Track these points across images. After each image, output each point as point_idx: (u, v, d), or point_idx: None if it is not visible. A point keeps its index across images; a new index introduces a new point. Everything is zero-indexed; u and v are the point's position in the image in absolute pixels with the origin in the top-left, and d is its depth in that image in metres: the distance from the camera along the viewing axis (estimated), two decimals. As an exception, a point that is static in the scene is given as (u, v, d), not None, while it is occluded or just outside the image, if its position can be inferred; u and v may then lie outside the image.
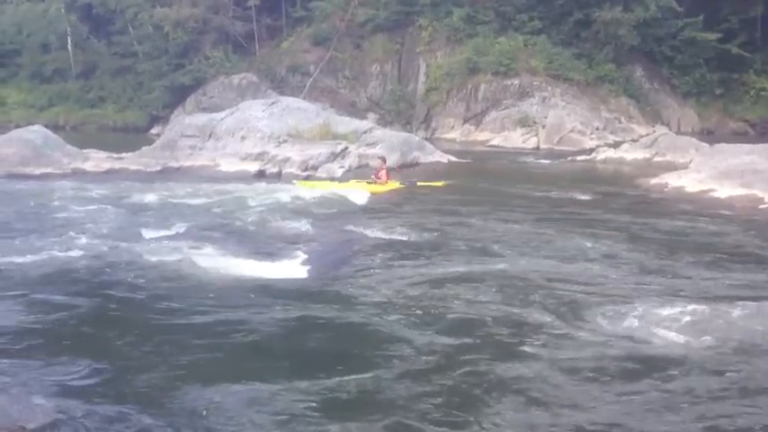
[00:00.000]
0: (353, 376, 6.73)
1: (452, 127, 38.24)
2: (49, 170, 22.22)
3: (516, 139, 34.52)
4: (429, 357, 7.25)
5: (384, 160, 20.59)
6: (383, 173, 19.89)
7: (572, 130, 33.73)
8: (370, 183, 19.69)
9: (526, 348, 7.50)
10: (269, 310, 8.65)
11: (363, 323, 8.22)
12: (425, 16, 41.25)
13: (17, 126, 31.58)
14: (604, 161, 26.27)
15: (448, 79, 39.16)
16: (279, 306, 8.81)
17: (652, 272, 10.50)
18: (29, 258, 11.05)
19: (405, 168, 23.15)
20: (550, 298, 9.05)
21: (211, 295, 9.30)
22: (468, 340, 7.72)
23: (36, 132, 24.22)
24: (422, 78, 40.97)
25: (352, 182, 20.29)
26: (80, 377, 6.80)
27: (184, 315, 8.61)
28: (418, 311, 8.55)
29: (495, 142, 34.68)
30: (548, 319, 8.33)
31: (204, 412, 6.06)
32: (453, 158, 26.00)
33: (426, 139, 31.09)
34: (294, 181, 20.60)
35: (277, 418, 5.99)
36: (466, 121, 37.99)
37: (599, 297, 9.10)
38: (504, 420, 5.98)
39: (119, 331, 8.01)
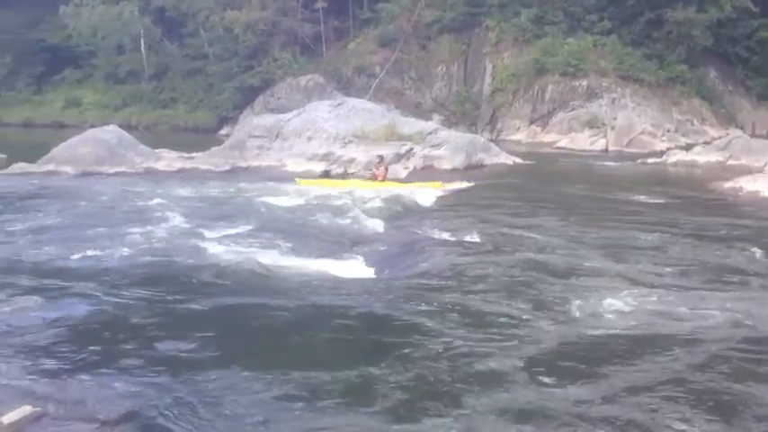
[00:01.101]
0: (414, 374, 6.73)
1: (518, 128, 37.89)
2: (122, 169, 22.87)
3: (584, 140, 33.98)
4: (492, 362, 7.19)
5: (381, 158, 20.88)
6: (382, 170, 20.21)
7: (642, 132, 33.04)
8: (368, 180, 20.25)
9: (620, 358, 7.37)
10: (335, 309, 8.70)
11: (428, 325, 8.16)
12: (493, 17, 40.97)
13: (92, 126, 32.58)
14: (676, 164, 25.66)
15: (514, 80, 38.82)
16: (344, 305, 8.86)
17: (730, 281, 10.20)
18: (101, 254, 11.42)
19: (470, 170, 23.02)
20: (625, 299, 8.89)
21: (277, 293, 9.42)
22: (530, 346, 7.62)
23: (111, 132, 24.97)
24: (488, 79, 40.71)
25: (353, 180, 20.84)
26: (155, 369, 6.98)
27: (251, 311, 8.75)
28: (485, 318, 8.46)
29: (561, 144, 34.22)
30: (632, 322, 8.19)
31: (279, 403, 6.14)
32: (519, 160, 25.75)
33: (491, 140, 30.90)
34: (295, 179, 20.98)
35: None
36: (532, 122, 37.59)
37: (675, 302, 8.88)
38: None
39: (190, 325, 8.19)
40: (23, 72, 53.72)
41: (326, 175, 22.31)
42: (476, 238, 12.73)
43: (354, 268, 10.92)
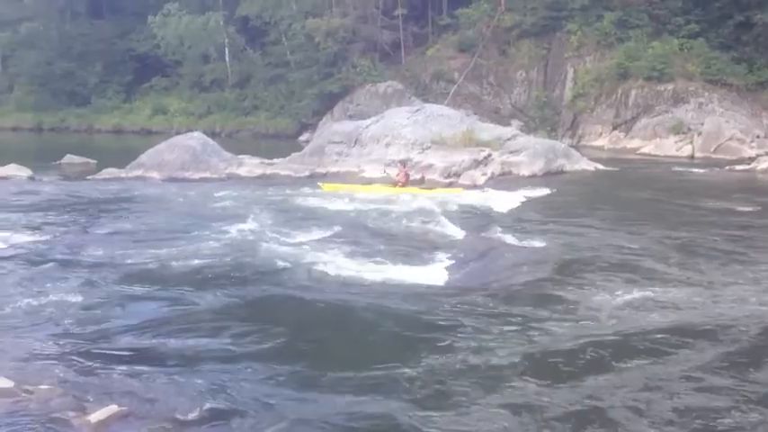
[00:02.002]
0: (495, 385, 6.67)
1: (600, 134, 37.17)
2: (206, 174, 23.52)
3: (669, 146, 33.05)
4: (577, 372, 7.06)
5: (404, 164, 20.97)
6: (402, 175, 20.38)
7: (730, 138, 31.88)
8: (391, 185, 20.37)
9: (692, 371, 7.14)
10: (408, 315, 8.69)
11: (503, 335, 8.06)
12: (574, 21, 40.32)
13: (178, 132, 33.63)
14: (766, 171, 24.67)
15: (597, 85, 38.11)
16: (418, 312, 8.84)
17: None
18: (184, 256, 11.75)
19: (550, 176, 22.69)
20: (702, 316, 8.59)
21: (352, 297, 9.49)
22: (606, 356, 7.45)
23: (195, 139, 25.71)
24: (569, 84, 40.10)
25: (376, 185, 21.00)
26: (235, 368, 7.11)
27: (325, 314, 8.83)
28: (563, 328, 8.30)
29: (645, 150, 33.36)
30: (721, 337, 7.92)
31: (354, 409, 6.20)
32: (601, 166, 25.24)
33: (572, 146, 30.39)
34: (318, 183, 21.28)
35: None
36: (615, 127, 36.81)
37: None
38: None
39: (268, 325, 8.31)
40: (114, 80, 55.86)
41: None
42: (555, 246, 12.51)
43: (431, 274, 10.90)
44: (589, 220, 15.35)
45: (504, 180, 21.66)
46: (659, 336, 7.92)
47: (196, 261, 11.49)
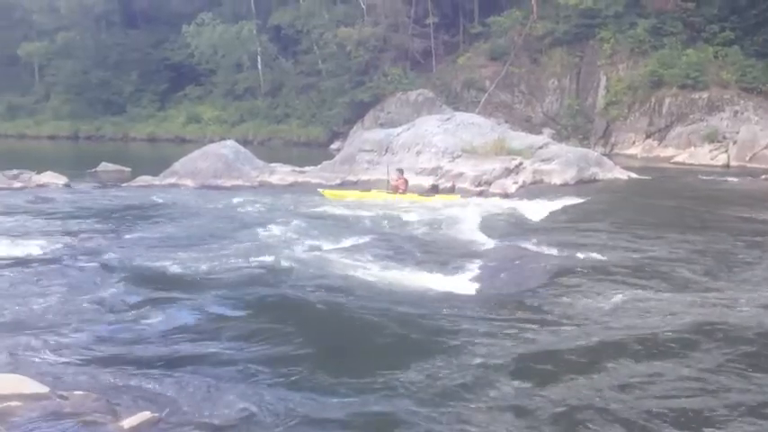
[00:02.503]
0: (531, 396, 6.63)
1: (633, 142, 36.83)
2: (238, 182, 23.76)
3: (703, 155, 32.61)
4: (605, 383, 6.99)
5: (402, 172, 21.12)
6: (401, 183, 20.67)
7: (766, 147, 31.33)
8: (390, 192, 20.63)
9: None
10: (438, 325, 8.68)
11: (536, 346, 8.00)
12: (608, 28, 40.06)
13: (211, 141, 34.03)
14: (802, 180, 24.26)
15: (630, 93, 37.81)
16: (448, 321, 8.82)
17: None
18: (216, 263, 11.85)
19: (582, 184, 22.51)
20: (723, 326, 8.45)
21: (382, 304, 9.48)
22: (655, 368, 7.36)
23: (228, 147, 25.98)
24: (601, 92, 39.82)
25: (374, 191, 21.13)
26: (268, 375, 7.14)
27: (355, 322, 8.83)
28: (594, 336, 8.23)
29: (679, 159, 32.96)
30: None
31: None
32: (634, 175, 24.98)
33: (605, 154, 30.14)
34: (318, 189, 21.56)
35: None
36: (648, 136, 36.45)
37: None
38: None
39: (300, 333, 8.33)
40: (148, 89, 56.73)
41: (435, 189, 22.31)
42: (587, 255, 12.40)
43: (460, 283, 10.86)
44: (622, 228, 15.18)
45: (536, 189, 21.54)
46: (695, 344, 7.82)
47: (228, 268, 11.58)
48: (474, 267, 11.87)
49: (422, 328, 8.55)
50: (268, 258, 12.28)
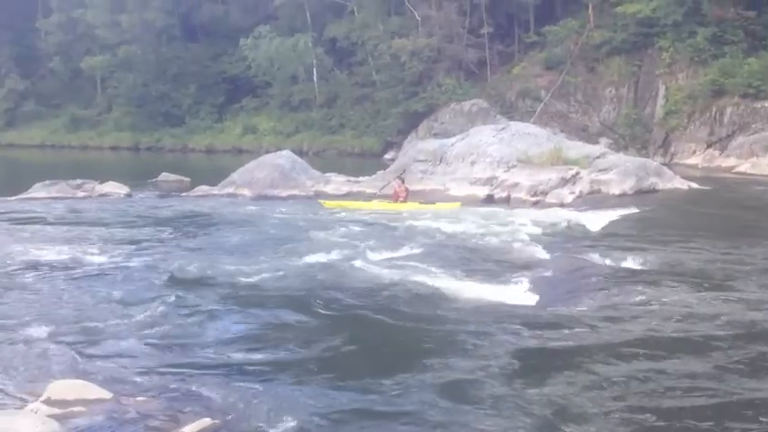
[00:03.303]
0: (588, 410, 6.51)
1: (693, 152, 36.03)
2: (294, 192, 24.03)
3: (766, 165, 31.65)
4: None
5: (402, 180, 21.11)
6: (402, 191, 20.83)
7: (832, 157, 30.40)
8: (390, 202, 20.84)
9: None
10: (497, 336, 8.59)
11: (596, 359, 7.85)
12: (666, 37, 39.33)
13: (267, 151, 34.46)
14: None
15: (690, 102, 37.03)
16: (507, 332, 8.73)
17: None
18: (273, 271, 12.00)
19: (641, 194, 22.08)
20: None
21: (438, 315, 9.46)
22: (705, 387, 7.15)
23: (284, 157, 26.31)
24: (660, 101, 39.11)
25: (375, 201, 21.23)
26: (327, 382, 7.16)
27: (414, 331, 8.82)
28: (659, 352, 8.02)
29: (741, 169, 32.06)
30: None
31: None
32: (695, 185, 24.41)
33: (664, 164, 29.49)
34: (319, 200, 21.71)
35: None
36: (709, 145, 35.61)
37: None
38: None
39: (360, 342, 8.40)
40: (207, 101, 57.83)
41: (490, 199, 22.20)
42: (646, 267, 12.15)
43: (517, 295, 10.75)
44: (682, 239, 14.82)
45: (593, 199, 21.21)
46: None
47: (284, 276, 11.72)
48: (530, 278, 11.73)
49: (480, 339, 8.47)
50: (324, 267, 12.39)
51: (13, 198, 22.99)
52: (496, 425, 6.22)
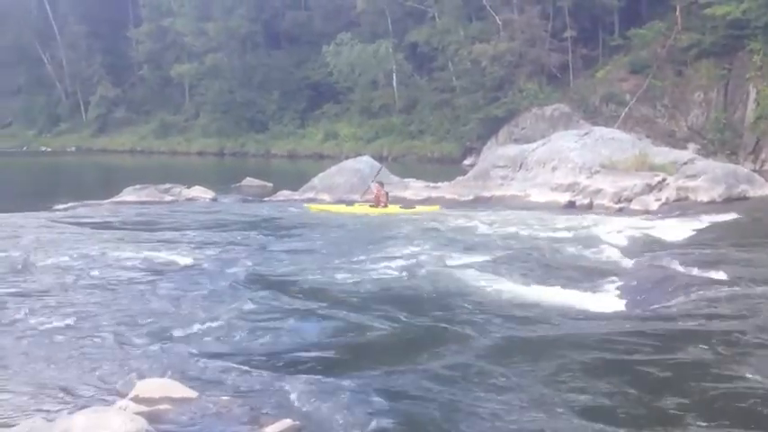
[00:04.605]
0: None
1: (788, 158, 34.57)
2: (373, 197, 24.11)
3: None
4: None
5: (381, 184, 21.34)
6: (382, 195, 21.10)
7: None
8: (372, 206, 21.13)
9: None
10: (583, 343, 8.45)
11: (692, 371, 7.61)
12: (757, 39, 37.79)
13: (347, 157, 34.82)
14: None
15: (783, 106, 35.52)
16: (594, 339, 8.57)
17: None
18: (352, 275, 12.14)
19: (730, 202, 21.30)
20: None
21: (525, 322, 9.37)
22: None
23: (364, 163, 26.55)
24: (751, 105, 37.60)
25: (357, 205, 21.60)
26: (409, 389, 7.14)
27: (493, 338, 8.73)
28: (750, 366, 7.70)
29: (840, 176, 30.59)
30: None
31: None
32: (789, 193, 23.38)
33: (755, 170, 28.39)
34: (304, 204, 22.02)
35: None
36: (804, 152, 34.11)
37: None
38: None
39: (441, 347, 8.35)
40: (289, 107, 58.84)
41: (571, 206, 21.84)
42: (737, 277, 11.70)
43: (603, 302, 10.55)
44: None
45: (680, 206, 20.59)
46: None
47: (364, 279, 11.84)
48: (615, 286, 11.51)
49: (566, 347, 8.35)
50: (403, 271, 12.44)
51: (104, 201, 23.95)
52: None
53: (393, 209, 21.09)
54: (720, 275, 11.83)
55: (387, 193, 21.64)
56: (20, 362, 8.01)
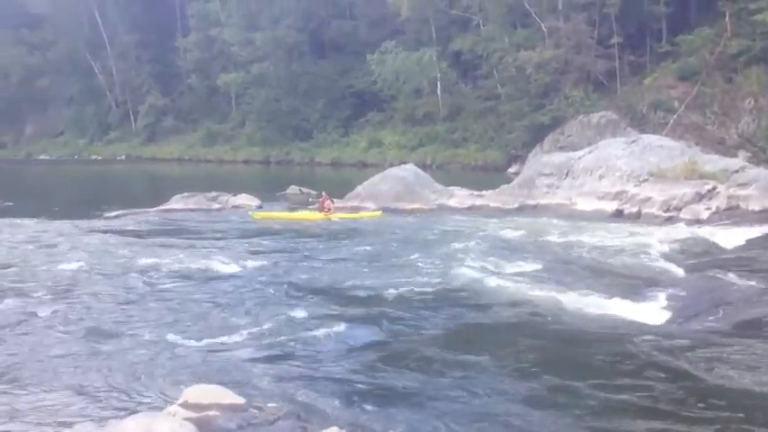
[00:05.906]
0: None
1: (842, 166, 33.55)
2: (417, 205, 24.17)
3: None
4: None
5: (327, 195, 23.02)
6: (327, 203, 22.63)
7: None
8: (319, 212, 22.52)
9: None
10: (630, 355, 8.32)
11: (739, 385, 7.46)
12: (810, 45, 36.94)
13: (391, 165, 34.83)
14: None
15: (837, 113, 34.56)
16: (640, 350, 8.42)
17: None
18: (399, 284, 12.11)
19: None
20: None
21: (573, 331, 9.29)
22: None
23: (408, 170, 26.54)
24: (804, 112, 36.70)
25: (303, 211, 22.83)
26: (453, 401, 7.14)
27: (547, 350, 8.66)
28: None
29: None
30: None
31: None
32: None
33: (809, 179, 27.61)
34: (248, 213, 22.86)
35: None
36: None
37: None
38: None
39: (488, 357, 8.34)
40: (333, 116, 59.17)
41: (619, 214, 21.51)
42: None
43: (652, 313, 10.39)
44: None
45: (731, 215, 20.16)
46: None
47: (409, 288, 11.82)
48: (665, 296, 11.34)
49: (615, 356, 8.25)
50: (450, 282, 12.39)
51: (153, 209, 24.36)
52: None
53: (337, 215, 22.42)
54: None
55: (333, 202, 23.14)
56: (71, 368, 8.18)
